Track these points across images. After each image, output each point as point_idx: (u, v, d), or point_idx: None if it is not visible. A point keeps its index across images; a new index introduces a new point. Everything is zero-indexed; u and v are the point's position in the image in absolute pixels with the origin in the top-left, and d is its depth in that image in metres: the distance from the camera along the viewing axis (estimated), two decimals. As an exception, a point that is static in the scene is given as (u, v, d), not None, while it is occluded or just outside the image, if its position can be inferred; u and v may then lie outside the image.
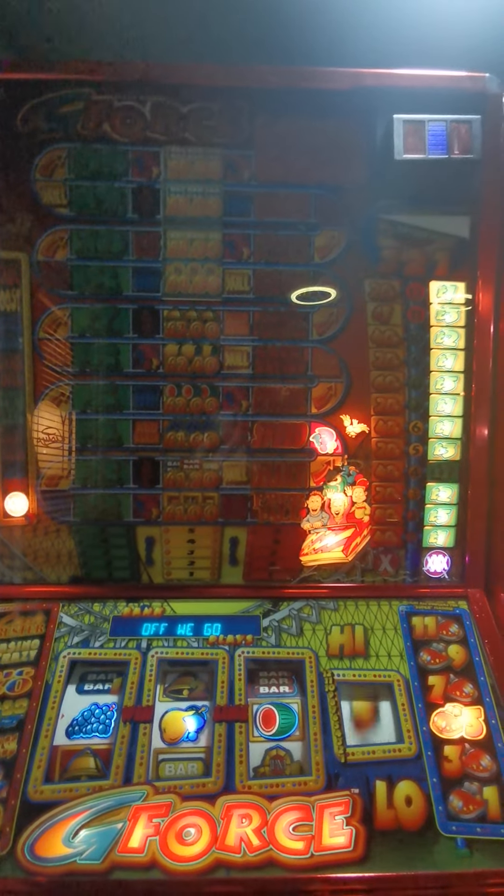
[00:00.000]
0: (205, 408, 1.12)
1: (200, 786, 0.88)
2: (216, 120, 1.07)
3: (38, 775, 0.88)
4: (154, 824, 0.83)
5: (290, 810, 0.85)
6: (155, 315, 1.10)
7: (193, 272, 1.10)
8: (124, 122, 1.06)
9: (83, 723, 0.96)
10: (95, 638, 1.06)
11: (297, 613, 1.11)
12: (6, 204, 1.06)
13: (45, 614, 1.09)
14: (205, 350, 1.11)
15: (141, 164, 1.08)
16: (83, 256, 1.09)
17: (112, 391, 1.11)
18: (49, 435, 1.11)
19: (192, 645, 1.05)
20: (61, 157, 1.07)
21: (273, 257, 1.10)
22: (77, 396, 1.11)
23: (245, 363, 1.12)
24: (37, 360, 1.09)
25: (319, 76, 1.07)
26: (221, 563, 1.15)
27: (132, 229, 1.09)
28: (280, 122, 1.07)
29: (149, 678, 1.00)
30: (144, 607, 1.11)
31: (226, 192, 1.09)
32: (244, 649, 1.05)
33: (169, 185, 1.08)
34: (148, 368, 1.11)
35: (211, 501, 1.13)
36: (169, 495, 1.13)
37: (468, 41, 1.24)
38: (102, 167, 1.08)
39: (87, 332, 1.10)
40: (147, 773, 0.89)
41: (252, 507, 1.14)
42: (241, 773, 0.89)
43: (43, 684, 0.98)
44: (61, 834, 0.82)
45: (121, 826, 0.83)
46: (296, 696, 1.00)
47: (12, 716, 0.94)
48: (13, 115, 1.05)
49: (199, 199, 1.09)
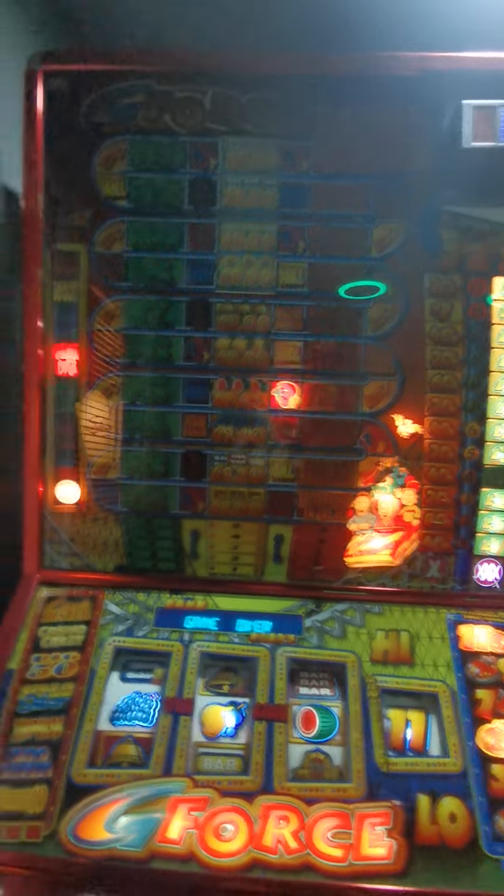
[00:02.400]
0: (254, 402, 1.11)
1: (238, 783, 0.88)
2: (276, 109, 1.05)
3: (82, 759, 0.90)
4: (192, 817, 0.83)
5: (329, 816, 0.83)
6: (207, 308, 1.09)
7: (248, 265, 1.08)
8: (184, 112, 1.06)
9: (126, 710, 0.97)
10: (139, 627, 1.07)
11: (340, 615, 1.08)
12: (67, 196, 1.07)
13: (91, 601, 1.11)
14: (256, 344, 1.10)
15: (199, 156, 1.07)
16: (139, 248, 1.09)
17: (162, 383, 1.11)
18: (99, 425, 1.12)
19: (234, 640, 1.05)
20: (121, 150, 1.08)
21: (329, 250, 1.08)
22: (128, 388, 1.12)
23: (296, 358, 1.10)
24: (90, 350, 1.11)
25: (385, 62, 1.03)
26: (265, 560, 1.14)
27: (188, 221, 1.08)
28: (341, 111, 1.04)
29: (190, 671, 1.00)
30: (188, 600, 1.11)
31: (283, 183, 1.07)
32: (286, 648, 1.03)
33: (226, 177, 1.07)
34: (199, 361, 1.11)
35: (257, 497, 1.13)
36: (215, 489, 1.13)
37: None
38: (161, 159, 1.07)
39: (140, 324, 1.10)
40: (186, 765, 0.90)
41: (298, 505, 1.12)
42: (280, 773, 0.89)
43: (88, 669, 1.00)
44: (103, 818, 0.83)
45: (160, 816, 0.83)
46: (337, 700, 0.98)
47: (59, 698, 0.96)
48: (75, 108, 1.06)
49: (255, 191, 1.07)
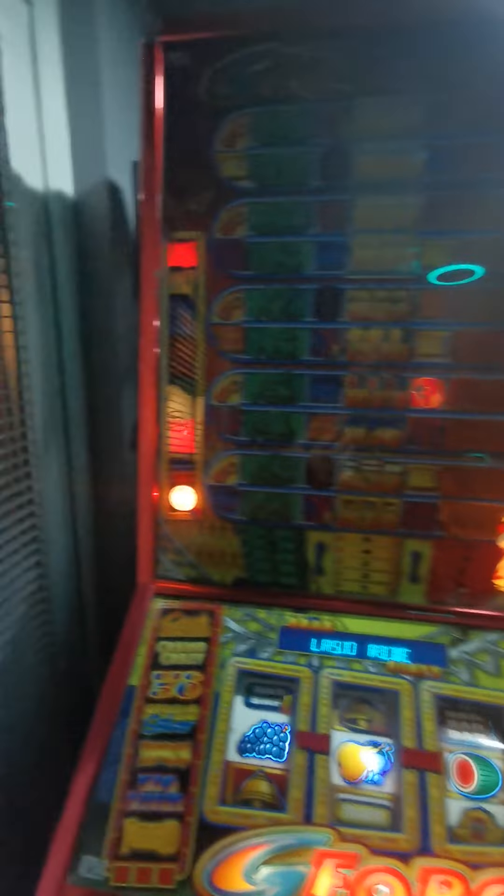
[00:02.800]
0: (390, 401, 0.98)
1: (391, 841, 0.77)
2: (416, 61, 0.91)
3: (213, 793, 0.82)
4: (341, 875, 0.73)
5: (499, 883, 0.71)
6: (338, 296, 0.98)
7: (385, 244, 0.95)
8: (313, 76, 0.94)
9: (255, 741, 0.89)
10: (262, 648, 0.98)
11: (492, 647, 0.94)
12: (187, 180, 0.99)
13: (210, 616, 1.04)
14: (393, 335, 0.97)
15: (330, 124, 0.95)
16: (262, 233, 0.99)
17: (286, 381, 1.01)
18: (217, 427, 1.04)
19: (370, 669, 0.94)
20: (243, 125, 0.97)
21: (483, 224, 0.92)
22: (248, 386, 1.02)
23: (442, 350, 0.96)
24: (209, 346, 1.03)
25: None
26: (400, 580, 1.02)
27: (317, 199, 0.97)
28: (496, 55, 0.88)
29: (323, 702, 0.90)
30: (313, 620, 1.01)
31: (429, 145, 0.92)
32: (431, 683, 0.91)
33: (362, 144, 0.94)
34: (327, 356, 0.99)
35: (392, 508, 1.00)
36: (344, 499, 1.01)
37: None
38: (288, 131, 0.96)
39: (263, 316, 1.00)
40: (328, 813, 0.80)
41: (440, 519, 0.99)
42: (439, 833, 0.77)
43: (212, 692, 0.93)
44: (241, 866, 0.75)
45: (305, 870, 0.74)
46: (497, 749, 0.85)
47: (184, 721, 0.90)
48: (196, 83, 0.97)
49: (396, 158, 0.93)
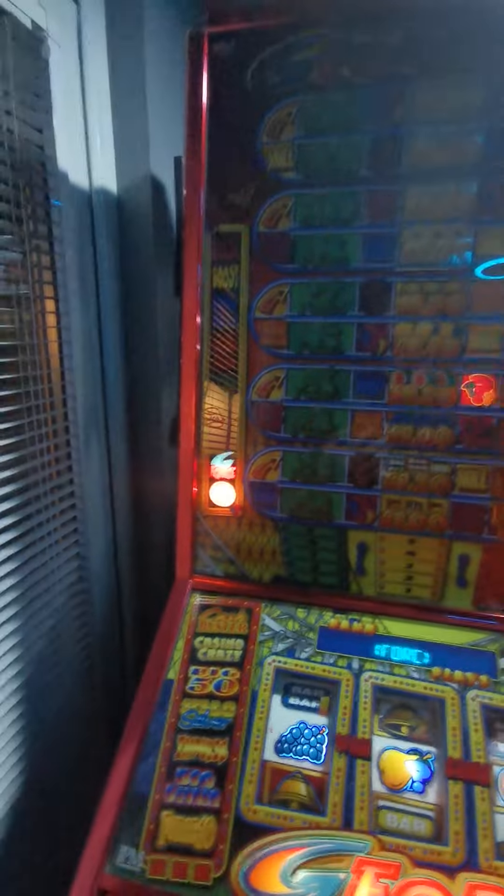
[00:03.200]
0: (439, 398, 0.94)
1: (435, 853, 0.74)
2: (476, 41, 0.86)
3: (250, 791, 0.82)
4: (382, 885, 0.71)
5: None
6: (386, 289, 0.94)
7: (437, 236, 0.91)
8: (367, 60, 0.91)
9: (292, 741, 0.88)
10: (301, 648, 0.97)
11: (546, 658, 0.90)
12: (231, 172, 0.98)
13: (248, 613, 1.03)
14: (443, 329, 0.93)
15: (381, 109, 0.92)
16: (308, 225, 0.97)
17: (331, 377, 0.99)
18: (259, 423, 1.03)
19: (413, 675, 0.91)
20: (290, 114, 0.95)
21: (544, 211, 0.87)
22: (292, 381, 1.01)
23: (496, 346, 0.91)
24: (252, 341, 1.02)
25: None
26: (446, 583, 0.98)
27: (366, 188, 0.94)
28: None
29: (363, 706, 0.88)
30: (354, 621, 0.99)
31: (487, 128, 0.88)
32: (478, 693, 0.87)
33: (415, 130, 0.90)
34: (374, 351, 0.96)
35: (438, 510, 0.96)
36: (388, 498, 0.98)
37: None
38: (337, 119, 0.94)
39: (308, 311, 0.98)
40: (369, 819, 0.78)
41: (490, 522, 0.94)
42: (486, 849, 0.73)
43: (249, 690, 0.92)
44: (279, 868, 0.74)
45: (344, 877, 0.72)
46: (551, 766, 0.80)
47: (221, 718, 0.89)
48: (243, 73, 0.96)
49: (451, 143, 0.89)
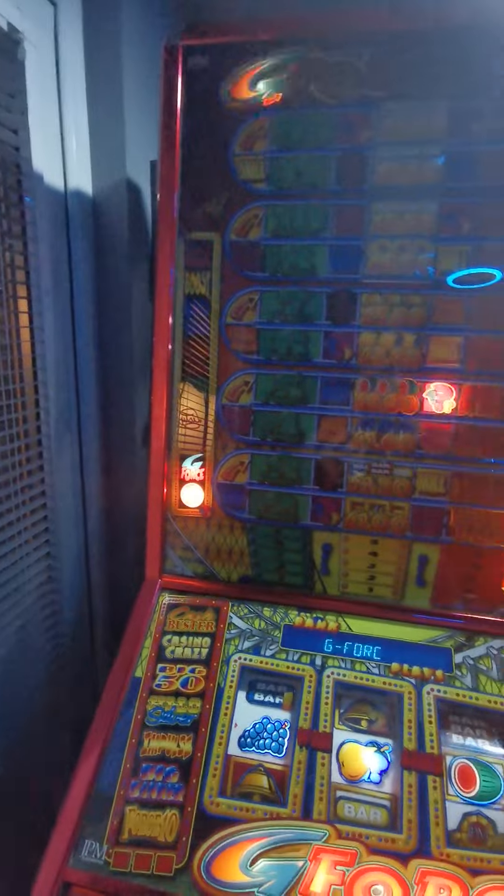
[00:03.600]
0: (401, 406, 0.98)
1: (390, 841, 0.77)
2: (442, 67, 0.91)
3: (214, 785, 0.84)
4: (338, 872, 0.74)
5: (499, 890, 0.71)
6: (352, 299, 0.98)
7: (401, 250, 0.96)
8: (336, 80, 0.94)
9: (255, 736, 0.90)
10: (266, 646, 0.99)
11: (497, 654, 0.94)
12: (204, 182, 1.01)
13: (215, 612, 1.05)
14: (406, 340, 0.97)
15: (349, 128, 0.95)
16: (278, 235, 1.00)
17: (298, 383, 1.02)
18: (228, 426, 1.05)
19: (373, 671, 0.94)
20: (262, 128, 0.99)
21: (500, 231, 0.92)
22: (260, 387, 1.04)
23: (454, 356, 0.96)
24: (222, 346, 1.04)
25: None
26: (406, 583, 1.02)
27: (334, 203, 0.97)
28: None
29: (325, 701, 0.91)
30: (318, 620, 1.02)
31: (448, 152, 0.92)
32: (434, 686, 0.91)
33: (381, 150, 0.95)
34: (339, 359, 1.00)
35: (400, 512, 1.00)
36: (352, 501, 1.02)
37: None
38: (306, 135, 0.97)
39: (277, 318, 1.01)
40: (328, 809, 0.81)
41: (448, 524, 0.99)
42: (438, 836, 0.77)
43: (215, 687, 0.94)
44: (238, 857, 0.76)
45: (302, 865, 0.75)
46: (500, 756, 0.85)
47: (187, 714, 0.91)
48: (216, 86, 0.99)
49: (414, 165, 0.94)
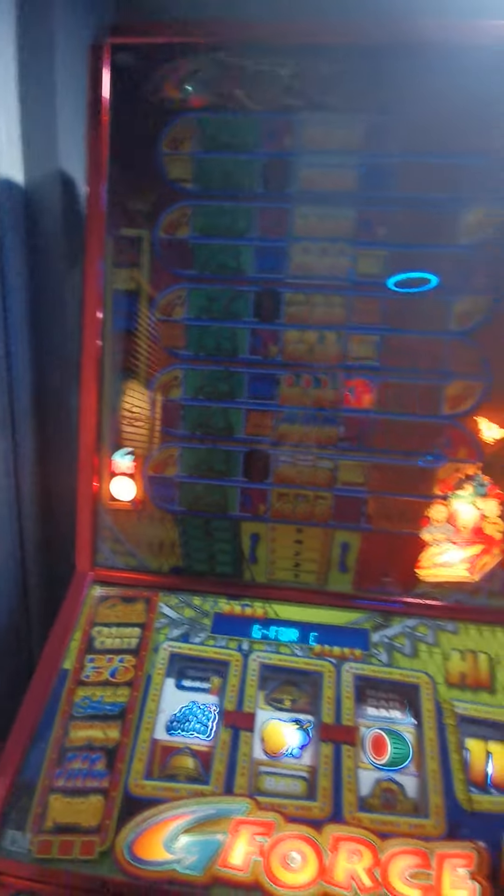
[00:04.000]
0: (324, 400, 1.03)
1: (306, 809, 0.82)
2: (360, 82, 0.97)
3: (140, 768, 0.85)
4: (257, 843, 0.78)
5: (407, 854, 0.77)
6: (277, 298, 1.02)
7: (322, 253, 1.01)
8: (260, 87, 0.98)
9: (183, 720, 0.93)
10: (195, 633, 1.02)
11: (411, 632, 1.01)
12: (132, 179, 1.02)
13: (146, 603, 1.07)
14: (328, 338, 1.03)
15: (273, 134, 0.99)
16: (205, 234, 1.03)
17: (226, 378, 1.05)
18: (158, 420, 1.07)
19: (296, 653, 0.99)
20: (190, 129, 1.01)
21: (413, 237, 0.99)
22: (189, 381, 1.06)
23: (372, 354, 1.02)
24: (151, 341, 1.06)
25: (479, 30, 0.92)
26: (330, 569, 1.07)
27: (259, 205, 1.01)
28: (432, 83, 0.95)
29: (250, 683, 0.95)
30: (246, 606, 1.06)
31: (365, 163, 0.98)
32: (352, 664, 0.97)
33: (303, 157, 0.99)
34: (265, 355, 1.04)
35: (323, 501, 1.06)
36: (278, 491, 1.06)
37: None
38: (232, 138, 1.00)
39: (204, 315, 1.04)
40: (249, 784, 0.84)
41: (367, 512, 1.05)
42: (350, 802, 0.82)
43: (144, 675, 0.96)
44: (162, 836, 0.79)
45: (222, 838, 0.78)
46: (410, 725, 0.91)
47: (115, 703, 0.92)
48: (143, 84, 1.00)
49: (334, 172, 0.99)
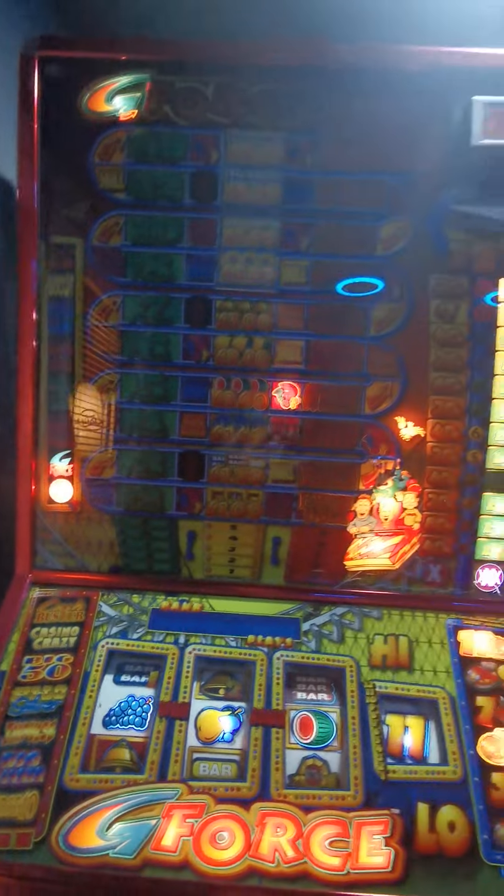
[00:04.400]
0: (254, 402, 1.09)
1: (235, 789, 0.86)
2: (281, 102, 1.02)
3: (75, 763, 0.88)
4: (188, 824, 0.82)
5: (327, 824, 0.83)
6: (207, 305, 1.07)
7: (249, 262, 1.06)
8: (186, 103, 1.03)
9: (120, 714, 0.96)
10: (134, 630, 1.05)
11: (338, 619, 1.07)
12: (64, 188, 1.04)
13: (85, 602, 1.09)
14: (256, 343, 1.08)
15: (200, 148, 1.04)
16: (138, 243, 1.06)
17: (160, 381, 1.09)
18: (95, 423, 1.10)
19: (231, 644, 1.03)
20: (120, 141, 1.04)
21: (333, 248, 1.05)
22: (124, 385, 1.09)
23: (298, 358, 1.08)
24: (86, 346, 1.08)
25: (394, 55, 1.00)
26: (263, 563, 1.12)
27: (188, 216, 1.06)
28: (349, 104, 1.02)
29: (185, 674, 0.99)
30: (183, 602, 1.10)
31: (287, 178, 1.04)
32: (283, 652, 1.02)
33: (228, 171, 1.04)
34: (198, 360, 1.08)
35: (255, 499, 1.11)
36: (213, 490, 1.11)
37: None
38: (161, 151, 1.04)
39: (138, 321, 1.08)
40: (182, 770, 0.88)
41: (297, 508, 1.11)
42: (277, 780, 0.87)
43: (81, 672, 0.98)
44: (96, 825, 0.82)
45: (155, 823, 0.82)
46: (335, 706, 0.97)
47: (51, 701, 0.94)
48: (73, 96, 1.03)
49: (258, 186, 1.04)
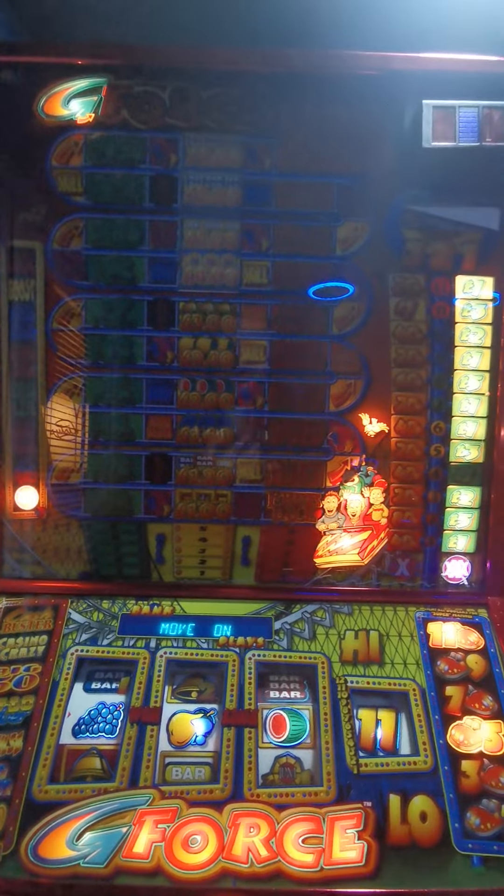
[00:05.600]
0: (219, 403, 1.09)
1: (207, 792, 0.86)
2: (237, 106, 1.04)
3: (44, 774, 0.86)
4: (160, 830, 0.81)
5: (300, 821, 0.82)
6: (170, 307, 1.07)
7: (211, 263, 1.07)
8: (143, 108, 1.03)
9: (90, 722, 0.94)
10: (104, 636, 1.04)
11: (310, 617, 1.08)
12: (22, 192, 1.04)
13: (54, 610, 1.07)
14: (220, 344, 1.08)
15: (159, 152, 1.05)
16: (98, 246, 1.06)
17: (125, 384, 1.08)
18: (61, 428, 1.09)
19: (202, 646, 1.03)
20: (78, 144, 1.04)
21: (293, 249, 1.07)
22: (90, 389, 1.08)
23: (262, 358, 1.08)
24: (50, 351, 1.07)
25: (347, 60, 1.02)
26: (233, 563, 1.12)
27: (149, 218, 1.06)
28: (304, 108, 1.03)
29: (157, 679, 0.98)
30: (154, 606, 1.09)
31: (245, 180, 1.05)
32: (255, 652, 1.02)
33: (187, 174, 1.05)
34: (162, 362, 1.08)
35: (224, 499, 1.11)
36: (181, 492, 1.10)
37: (501, 24, 1.18)
38: (120, 154, 1.05)
39: (101, 324, 1.07)
40: (154, 776, 0.87)
41: (266, 507, 1.11)
42: (250, 780, 0.87)
43: (50, 681, 0.96)
44: (65, 836, 0.80)
45: (126, 830, 0.81)
46: (307, 703, 0.97)
47: (18, 712, 0.92)
48: (30, 100, 1.03)
49: (217, 189, 1.05)
